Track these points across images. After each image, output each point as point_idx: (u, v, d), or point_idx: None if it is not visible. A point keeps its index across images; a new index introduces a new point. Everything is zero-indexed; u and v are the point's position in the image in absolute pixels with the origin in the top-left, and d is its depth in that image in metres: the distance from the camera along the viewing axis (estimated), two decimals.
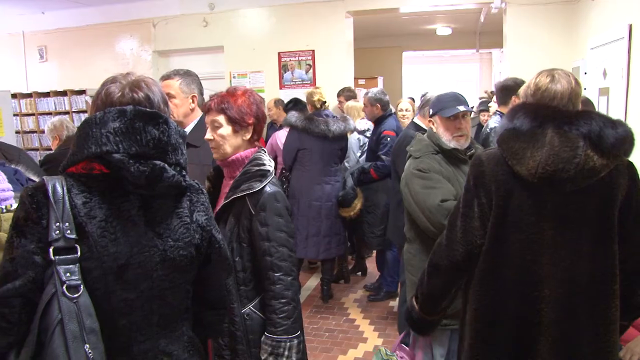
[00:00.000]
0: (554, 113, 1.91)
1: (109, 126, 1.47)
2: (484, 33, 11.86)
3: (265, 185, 2.20)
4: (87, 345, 1.37)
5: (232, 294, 2.19)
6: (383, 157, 5.27)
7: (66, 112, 8.50)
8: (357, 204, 5.30)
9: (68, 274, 1.38)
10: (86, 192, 1.47)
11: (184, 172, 1.60)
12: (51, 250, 1.39)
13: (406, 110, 5.82)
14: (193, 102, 2.98)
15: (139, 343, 1.55)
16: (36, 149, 9.07)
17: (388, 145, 5.17)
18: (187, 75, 3.00)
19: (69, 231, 1.41)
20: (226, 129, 2.26)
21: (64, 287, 1.37)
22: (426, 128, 3.53)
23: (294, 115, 5.22)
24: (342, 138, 5.31)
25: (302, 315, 2.56)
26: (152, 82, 1.65)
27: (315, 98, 5.35)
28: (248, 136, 2.30)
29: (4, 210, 1.83)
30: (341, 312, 5.31)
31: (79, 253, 1.41)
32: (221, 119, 2.25)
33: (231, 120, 2.26)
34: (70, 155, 1.50)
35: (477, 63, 16.20)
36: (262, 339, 2.17)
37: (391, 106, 5.72)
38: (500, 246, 1.98)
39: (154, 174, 1.49)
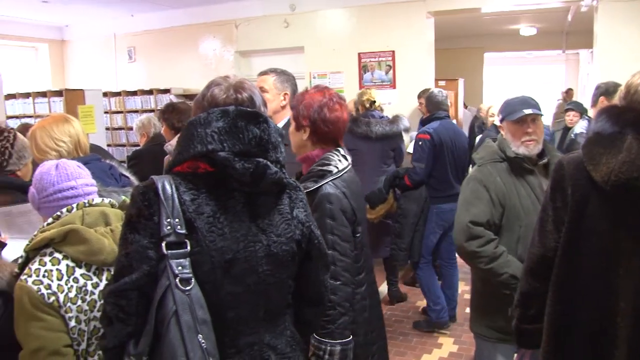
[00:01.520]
0: (635, 118, 1.80)
1: (213, 126, 1.53)
2: (571, 32, 11.42)
3: (321, 186, 2.21)
4: (200, 336, 1.43)
5: None
6: (415, 164, 4.77)
7: (152, 110, 8.81)
8: (381, 209, 4.93)
9: (180, 268, 1.45)
10: (193, 189, 1.53)
11: (283, 170, 1.65)
12: (163, 244, 1.46)
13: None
14: (284, 99, 3.06)
15: (246, 336, 1.60)
16: (123, 145, 9.47)
17: (420, 151, 4.71)
18: (283, 73, 3.11)
19: (179, 226, 1.47)
20: (292, 126, 2.37)
21: (177, 280, 1.44)
22: None
23: None
24: (390, 138, 5.19)
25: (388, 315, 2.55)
26: (252, 84, 1.72)
27: (365, 98, 5.33)
28: (305, 136, 2.33)
29: (87, 205, 1.91)
30: (416, 316, 5.24)
31: (188, 247, 1.47)
32: (291, 116, 2.36)
33: (294, 118, 2.35)
34: (177, 154, 1.57)
35: (562, 64, 15.63)
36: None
37: (467, 109, 5.58)
38: (574, 253, 1.90)
39: (258, 171, 1.55)
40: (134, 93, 9.37)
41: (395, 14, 7.52)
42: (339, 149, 2.35)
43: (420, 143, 4.72)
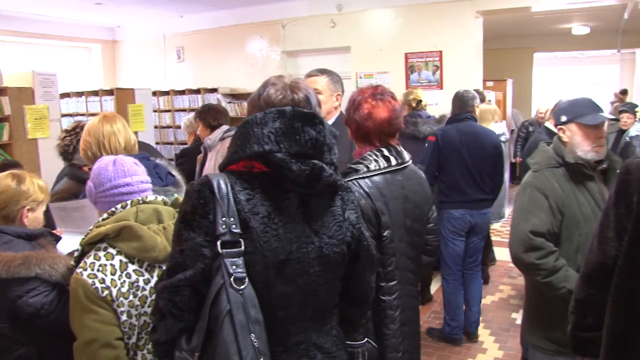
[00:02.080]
0: None
1: (270, 126, 1.53)
2: (627, 31, 11.08)
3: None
4: (253, 335, 1.44)
5: None
6: (417, 165, 4.68)
7: None
8: None
9: (234, 267, 1.46)
10: (248, 189, 1.54)
11: (337, 171, 1.65)
12: (219, 243, 1.46)
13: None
14: (337, 100, 3.06)
15: (294, 335, 1.60)
16: (171, 143, 9.65)
17: (425, 152, 4.55)
18: (333, 74, 3.10)
19: (234, 226, 1.48)
20: None
21: (232, 279, 1.44)
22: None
23: None
24: None
25: (420, 319, 2.48)
26: (307, 84, 1.71)
27: (411, 97, 5.27)
28: (352, 135, 2.34)
29: (141, 202, 1.94)
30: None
31: (243, 247, 1.48)
32: None
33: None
34: (232, 153, 1.58)
35: (617, 64, 15.17)
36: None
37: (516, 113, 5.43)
38: (636, 262, 1.81)
39: (314, 173, 1.54)
40: (182, 92, 9.54)
41: (443, 13, 7.44)
42: (382, 149, 2.31)
43: (426, 145, 4.64)
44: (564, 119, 2.64)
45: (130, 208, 1.91)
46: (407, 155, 2.37)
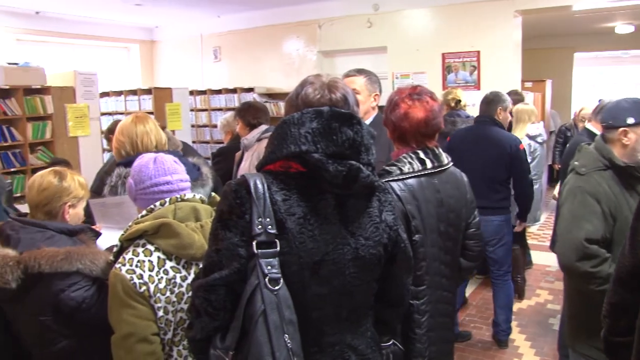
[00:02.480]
0: None
1: (307, 126, 1.52)
2: None
3: None
4: (287, 336, 1.43)
5: None
6: None
7: (235, 109, 9.01)
8: None
9: (269, 267, 1.45)
10: (285, 189, 1.53)
11: (374, 172, 1.63)
12: (254, 244, 1.46)
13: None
14: (375, 100, 3.04)
15: (328, 336, 1.60)
16: (207, 142, 9.76)
17: None
18: (370, 74, 3.09)
19: (270, 226, 1.48)
20: None
21: (266, 280, 1.44)
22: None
23: None
24: None
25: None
26: (344, 83, 1.70)
27: (450, 97, 5.22)
28: (390, 136, 2.32)
29: (179, 199, 1.96)
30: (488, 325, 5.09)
31: (278, 248, 1.48)
32: None
33: None
34: (269, 153, 1.57)
35: None
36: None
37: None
38: None
39: (352, 174, 1.53)
40: (219, 92, 9.63)
41: (481, 13, 7.36)
42: (418, 151, 2.26)
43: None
44: (631, 120, 2.47)
45: (168, 206, 1.93)
46: (445, 158, 2.31)
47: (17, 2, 8.09)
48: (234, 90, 9.43)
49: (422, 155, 2.25)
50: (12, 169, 6.53)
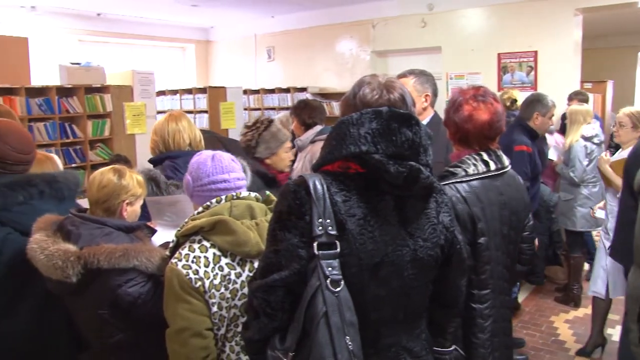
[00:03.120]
0: None
1: (366, 126, 1.51)
2: None
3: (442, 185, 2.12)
4: (348, 337, 1.42)
5: None
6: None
7: (288, 108, 9.06)
8: None
9: (330, 269, 1.44)
10: (345, 190, 1.52)
11: (432, 173, 1.61)
12: (315, 245, 1.46)
13: None
14: (426, 100, 3.01)
15: (385, 337, 1.59)
16: None
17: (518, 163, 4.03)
18: (422, 74, 3.05)
19: (330, 227, 1.46)
20: None
21: (328, 281, 1.43)
22: None
23: None
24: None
25: None
26: (401, 83, 1.68)
27: (506, 97, 5.13)
28: (450, 137, 2.30)
29: (235, 197, 1.98)
30: (550, 331, 4.95)
31: (338, 249, 1.47)
32: None
33: None
34: (327, 153, 1.56)
35: None
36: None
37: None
38: None
39: (412, 175, 1.51)
40: (272, 91, 9.71)
41: (539, 12, 7.18)
42: (482, 152, 2.23)
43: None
44: None
45: (224, 203, 1.95)
46: (506, 160, 2.28)
47: (80, 4, 8.37)
48: (287, 90, 9.50)
49: (485, 157, 2.22)
50: (73, 165, 6.74)
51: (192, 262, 1.84)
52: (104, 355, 2.19)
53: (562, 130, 5.78)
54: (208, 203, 1.95)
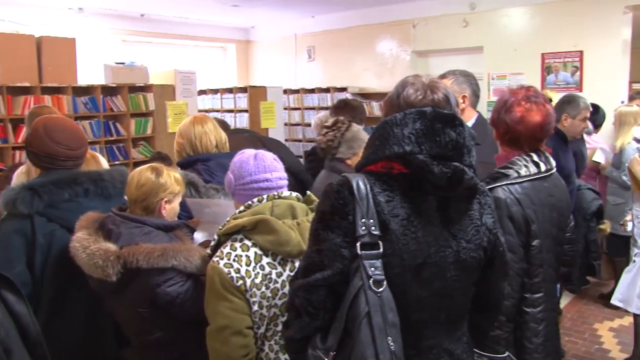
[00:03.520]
0: None
1: (410, 127, 1.51)
2: None
3: (491, 188, 2.09)
4: (390, 338, 1.42)
5: None
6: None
7: (328, 108, 9.06)
8: None
9: (373, 269, 1.44)
10: (388, 190, 1.52)
11: (476, 174, 1.60)
12: (358, 245, 1.46)
13: None
14: (464, 101, 2.97)
15: (426, 339, 1.58)
16: (299, 140, 9.88)
17: None
18: (462, 74, 3.02)
19: (373, 227, 1.46)
20: None
21: (370, 281, 1.43)
22: None
23: None
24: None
25: None
26: (444, 83, 1.67)
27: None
28: (495, 135, 2.28)
29: (276, 197, 1.99)
30: (593, 339, 4.83)
31: (381, 249, 1.47)
32: None
33: None
34: (370, 154, 1.57)
35: None
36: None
37: None
38: None
39: (456, 176, 1.50)
40: (312, 91, 9.73)
41: (585, 10, 6.99)
42: (532, 154, 2.21)
43: None
44: None
45: (266, 202, 1.96)
46: (553, 162, 2.26)
47: (124, 5, 8.53)
48: (327, 90, 9.50)
49: (535, 158, 2.20)
50: (116, 162, 6.87)
51: (234, 260, 1.86)
52: (143, 352, 2.23)
53: None
54: (249, 202, 1.97)
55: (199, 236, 2.45)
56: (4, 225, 2.31)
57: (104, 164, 2.88)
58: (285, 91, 9.55)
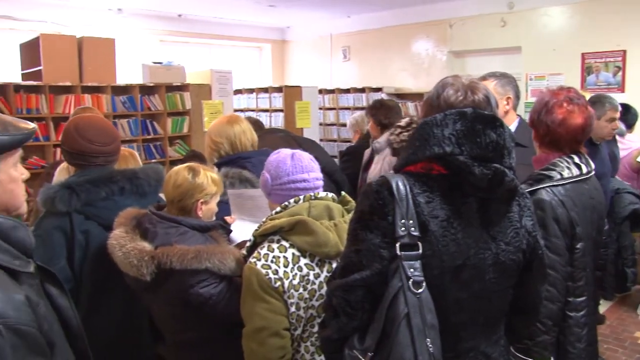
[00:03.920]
0: None
1: (451, 128, 1.50)
2: None
3: (535, 190, 2.06)
4: (429, 340, 1.41)
5: None
6: None
7: (363, 108, 9.02)
8: None
9: (412, 270, 1.43)
10: (427, 191, 1.51)
11: (516, 176, 1.58)
12: (397, 245, 1.45)
13: None
14: (508, 103, 2.93)
15: (464, 342, 1.57)
16: (334, 140, 9.87)
17: None
18: (503, 76, 2.98)
19: (413, 228, 1.45)
20: None
21: (410, 282, 1.42)
22: None
23: None
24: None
25: None
26: (484, 84, 1.66)
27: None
28: (533, 136, 2.26)
29: (313, 197, 1.99)
30: (634, 348, 4.70)
31: (420, 250, 1.46)
32: None
33: None
34: (409, 154, 1.56)
35: None
36: None
37: None
38: None
39: (497, 178, 1.49)
40: (347, 91, 9.72)
41: (629, 8, 6.82)
42: (573, 155, 2.17)
43: None
44: None
45: (303, 203, 1.95)
46: (592, 164, 2.23)
47: (162, 6, 8.65)
48: (362, 90, 9.48)
49: (576, 159, 2.18)
50: (153, 160, 6.96)
51: (272, 261, 1.85)
52: (177, 350, 2.25)
53: None
54: (286, 203, 1.96)
55: (236, 234, 2.45)
56: (44, 223, 2.35)
57: (139, 161, 2.92)
58: (320, 91, 9.55)
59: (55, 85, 6.19)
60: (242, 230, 2.48)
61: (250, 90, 9.65)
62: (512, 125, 2.90)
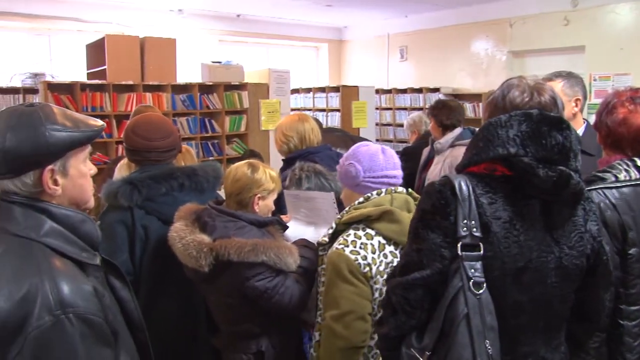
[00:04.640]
0: None
1: (516, 129, 1.48)
2: None
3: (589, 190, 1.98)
4: (488, 341, 1.41)
5: None
6: None
7: (420, 108, 8.98)
8: None
9: (473, 270, 1.42)
10: (490, 192, 1.49)
11: (582, 179, 1.55)
12: (459, 246, 1.44)
13: None
14: (576, 105, 2.83)
15: (523, 345, 1.54)
16: (390, 141, 9.82)
17: None
18: (571, 76, 2.87)
19: (475, 229, 1.44)
20: None
21: (470, 283, 1.42)
22: None
23: None
24: None
25: None
26: (550, 85, 1.64)
27: None
28: (600, 141, 2.19)
29: (394, 191, 2.07)
30: None
31: (482, 251, 1.45)
32: None
33: None
34: (473, 155, 1.55)
35: None
36: None
37: None
38: None
39: (562, 180, 1.46)
40: (404, 91, 9.66)
41: None
42: (635, 158, 2.08)
43: None
44: None
45: (385, 195, 2.04)
46: None
47: (221, 6, 8.82)
48: (419, 90, 9.41)
49: (638, 162, 2.07)
50: (210, 158, 7.08)
51: (360, 248, 1.94)
52: (233, 341, 2.30)
53: None
54: (368, 194, 2.04)
55: (291, 233, 2.48)
56: (107, 217, 2.43)
57: (194, 158, 3.02)
58: (377, 91, 9.52)
59: (118, 84, 6.38)
60: (296, 230, 2.52)
61: (308, 90, 9.71)
62: (580, 130, 2.81)
